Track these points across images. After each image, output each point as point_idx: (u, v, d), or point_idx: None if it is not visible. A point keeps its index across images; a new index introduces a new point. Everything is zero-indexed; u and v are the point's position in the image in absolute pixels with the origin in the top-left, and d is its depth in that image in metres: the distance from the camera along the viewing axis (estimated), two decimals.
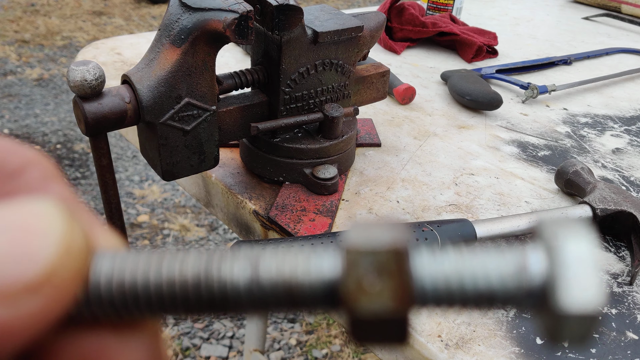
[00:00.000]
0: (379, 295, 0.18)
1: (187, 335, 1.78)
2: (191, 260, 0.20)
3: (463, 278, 0.19)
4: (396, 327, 0.19)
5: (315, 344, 1.81)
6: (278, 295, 0.19)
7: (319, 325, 1.88)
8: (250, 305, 0.20)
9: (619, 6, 1.66)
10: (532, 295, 0.19)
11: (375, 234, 0.19)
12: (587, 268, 0.18)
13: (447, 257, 0.20)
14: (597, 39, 1.43)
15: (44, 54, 3.79)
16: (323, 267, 0.20)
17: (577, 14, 1.67)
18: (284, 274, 0.19)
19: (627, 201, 0.62)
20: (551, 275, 0.18)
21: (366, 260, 0.18)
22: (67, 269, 0.17)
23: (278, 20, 0.57)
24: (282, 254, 0.20)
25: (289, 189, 0.66)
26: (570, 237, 0.18)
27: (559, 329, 0.18)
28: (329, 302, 0.20)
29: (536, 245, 0.19)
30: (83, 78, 0.50)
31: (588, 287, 0.18)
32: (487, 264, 0.19)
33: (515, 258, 0.19)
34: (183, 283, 0.19)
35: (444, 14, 1.26)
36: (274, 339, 1.80)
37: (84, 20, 4.40)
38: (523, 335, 0.50)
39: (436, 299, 0.19)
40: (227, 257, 0.20)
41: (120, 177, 2.55)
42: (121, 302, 0.19)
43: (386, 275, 0.18)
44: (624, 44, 1.40)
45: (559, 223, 0.19)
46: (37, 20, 4.31)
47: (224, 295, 0.19)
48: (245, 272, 0.19)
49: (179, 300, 0.20)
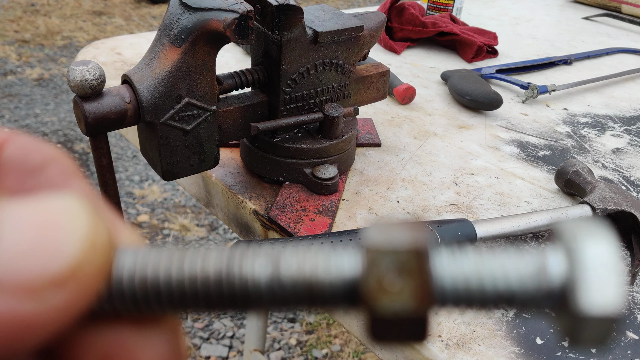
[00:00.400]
0: (399, 294, 0.18)
1: (187, 335, 1.78)
2: (213, 257, 0.20)
3: (483, 278, 0.19)
4: (416, 326, 0.19)
5: (315, 343, 1.81)
6: (298, 293, 0.20)
7: (319, 325, 1.88)
8: (270, 303, 0.20)
9: (619, 6, 1.66)
10: (551, 296, 0.19)
11: (395, 233, 0.19)
12: (607, 269, 0.18)
13: (467, 258, 0.20)
14: (597, 39, 1.43)
15: (44, 53, 3.79)
16: (344, 265, 0.20)
17: (577, 14, 1.67)
18: (305, 272, 0.20)
19: (627, 201, 0.62)
20: (571, 276, 0.18)
21: (387, 260, 0.19)
22: (91, 264, 0.17)
23: (278, 20, 0.57)
24: (302, 252, 0.20)
25: (289, 188, 0.66)
26: (591, 238, 0.18)
27: (579, 331, 0.18)
28: (349, 301, 0.20)
29: (555, 246, 0.19)
30: (83, 78, 0.50)
31: (608, 288, 0.18)
32: (507, 265, 0.19)
33: (535, 259, 0.19)
34: (205, 279, 0.20)
35: (444, 14, 1.26)
36: (274, 339, 1.81)
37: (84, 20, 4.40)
38: (523, 335, 0.50)
39: (456, 299, 0.19)
40: (248, 255, 0.20)
41: (121, 177, 2.55)
42: (143, 297, 0.19)
43: (407, 274, 0.18)
44: (624, 44, 1.40)
45: (578, 224, 0.19)
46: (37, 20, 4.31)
47: (245, 292, 0.20)
48: (267, 269, 0.20)
49: (201, 297, 0.20)
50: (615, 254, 0.18)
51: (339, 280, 0.20)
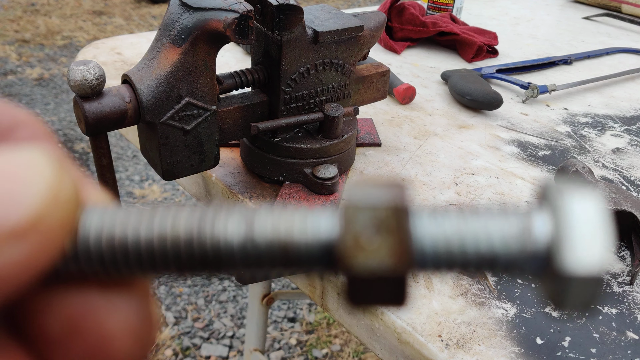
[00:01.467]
0: (376, 252, 0.18)
1: (187, 334, 1.78)
2: (184, 216, 0.19)
3: (464, 239, 0.19)
4: (394, 287, 0.18)
5: (315, 343, 1.81)
6: (273, 254, 0.19)
7: (319, 325, 1.88)
8: (243, 264, 0.19)
9: (619, 6, 1.66)
10: (536, 257, 0.18)
11: (375, 192, 0.18)
12: (593, 229, 0.17)
13: (449, 218, 0.19)
14: (597, 39, 1.43)
15: (44, 53, 3.79)
16: (320, 225, 0.19)
17: (577, 14, 1.67)
18: (280, 233, 0.19)
19: (628, 201, 0.62)
20: (556, 236, 0.18)
21: (364, 217, 0.18)
22: (54, 217, 0.17)
23: (278, 20, 0.57)
24: (277, 212, 0.20)
25: (289, 188, 0.66)
26: (576, 197, 0.18)
27: (564, 293, 0.18)
28: (325, 262, 0.19)
29: (540, 206, 0.19)
30: (83, 78, 0.50)
31: (594, 247, 0.17)
32: (490, 225, 0.19)
33: (519, 220, 0.19)
34: (175, 239, 0.19)
35: (444, 14, 1.26)
36: (274, 339, 1.81)
37: (84, 20, 4.40)
38: (523, 335, 0.50)
39: (436, 260, 0.19)
40: (221, 215, 0.19)
41: (121, 177, 2.55)
42: (110, 257, 0.19)
43: (385, 231, 0.18)
44: (624, 44, 1.40)
45: (564, 185, 0.19)
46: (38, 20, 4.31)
47: (217, 253, 0.19)
48: (240, 229, 0.19)
49: (171, 258, 0.19)
50: (601, 212, 0.18)
51: (316, 240, 0.19)
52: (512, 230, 0.18)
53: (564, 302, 0.18)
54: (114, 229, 0.19)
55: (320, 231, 0.19)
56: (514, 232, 0.18)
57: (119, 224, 0.19)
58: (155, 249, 0.19)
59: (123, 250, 0.19)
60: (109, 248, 0.19)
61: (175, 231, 0.19)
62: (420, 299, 0.53)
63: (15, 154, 0.17)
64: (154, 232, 0.19)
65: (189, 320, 1.82)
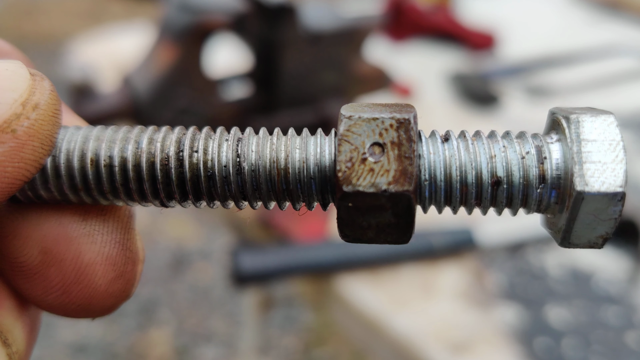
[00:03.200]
0: (378, 169, 0.16)
1: (186, 334, 1.78)
2: (170, 136, 0.19)
3: (478, 163, 0.18)
4: (397, 214, 0.17)
5: (315, 343, 1.81)
6: (268, 176, 0.18)
7: (319, 325, 1.88)
8: (236, 187, 0.19)
9: (620, 6, 1.66)
10: (552, 183, 0.17)
11: (378, 107, 0.18)
12: (607, 148, 0.17)
13: (460, 140, 0.18)
14: (598, 39, 1.43)
15: (44, 53, 3.79)
16: (317, 144, 0.18)
17: (578, 14, 1.67)
18: (273, 156, 0.18)
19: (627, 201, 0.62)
20: (570, 158, 0.17)
21: (366, 129, 0.17)
22: (28, 124, 0.17)
23: (278, 20, 0.57)
24: (276, 137, 0.19)
25: None
26: (589, 117, 0.17)
27: (580, 219, 0.17)
28: (322, 183, 0.18)
29: (554, 132, 0.18)
30: (81, 78, 0.50)
31: (610, 169, 0.16)
32: (504, 149, 0.18)
33: (533, 143, 0.18)
34: (163, 159, 0.18)
35: (445, 13, 1.26)
36: (273, 339, 1.80)
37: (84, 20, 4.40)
38: (523, 335, 0.50)
39: (446, 184, 0.18)
40: (210, 134, 0.19)
41: None
42: (81, 176, 0.18)
43: (388, 147, 0.17)
44: (625, 44, 1.40)
45: (576, 108, 0.18)
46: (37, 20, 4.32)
47: (207, 174, 0.18)
48: (233, 149, 0.19)
49: (149, 179, 0.18)
50: (617, 132, 0.17)
51: (311, 160, 0.18)
52: (526, 154, 0.18)
53: (578, 233, 0.17)
54: (86, 146, 0.18)
55: (317, 150, 0.18)
56: (527, 156, 0.18)
57: (93, 142, 0.18)
58: (131, 168, 0.18)
59: (96, 170, 0.18)
60: (81, 166, 0.18)
61: (163, 149, 0.18)
62: (420, 301, 0.53)
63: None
64: (129, 152, 0.18)
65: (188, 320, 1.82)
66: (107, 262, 0.19)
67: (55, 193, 0.18)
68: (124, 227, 0.20)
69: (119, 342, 1.69)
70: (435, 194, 0.18)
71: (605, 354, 0.49)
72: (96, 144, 0.18)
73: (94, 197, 0.19)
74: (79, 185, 0.18)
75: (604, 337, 0.51)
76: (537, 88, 0.99)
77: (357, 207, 0.16)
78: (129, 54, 1.04)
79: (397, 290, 0.58)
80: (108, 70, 0.95)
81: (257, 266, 0.60)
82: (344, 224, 0.17)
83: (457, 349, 0.48)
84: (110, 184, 0.18)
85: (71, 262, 0.18)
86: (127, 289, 0.20)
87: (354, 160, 0.16)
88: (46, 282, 0.18)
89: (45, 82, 0.18)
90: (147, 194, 0.19)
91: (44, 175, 0.18)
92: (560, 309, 0.55)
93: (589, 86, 1.12)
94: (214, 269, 1.95)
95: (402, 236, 0.17)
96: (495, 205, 0.18)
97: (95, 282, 0.19)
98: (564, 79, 1.13)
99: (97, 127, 0.19)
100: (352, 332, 0.55)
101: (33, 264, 0.18)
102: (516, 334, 0.51)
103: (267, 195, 0.19)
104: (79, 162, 0.18)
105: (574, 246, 0.17)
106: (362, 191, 0.16)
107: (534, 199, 0.18)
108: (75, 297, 0.19)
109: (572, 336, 0.51)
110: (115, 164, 0.18)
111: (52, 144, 0.18)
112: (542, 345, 0.50)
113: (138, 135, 0.18)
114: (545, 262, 0.62)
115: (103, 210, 0.19)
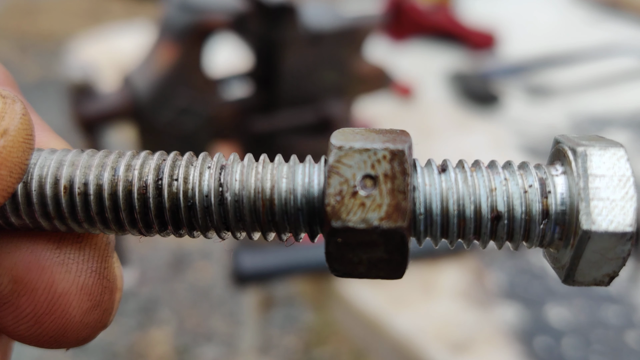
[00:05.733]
0: (370, 203, 0.15)
1: (186, 334, 1.78)
2: (148, 162, 0.18)
3: (477, 196, 0.16)
4: (390, 251, 0.16)
5: (315, 343, 1.81)
6: (254, 207, 0.18)
7: (319, 325, 1.88)
8: (219, 218, 0.18)
9: (620, 6, 1.66)
10: (552, 218, 0.16)
11: (371, 135, 0.17)
12: (617, 185, 0.16)
13: (459, 171, 0.17)
14: (598, 39, 1.43)
15: (44, 53, 3.79)
16: (306, 174, 0.17)
17: (578, 13, 1.67)
18: (264, 187, 0.17)
19: None
20: (575, 194, 0.16)
21: (357, 161, 0.16)
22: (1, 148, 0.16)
23: (278, 20, 0.57)
24: (262, 165, 0.18)
25: None
26: (597, 151, 0.16)
27: (585, 258, 0.15)
28: (310, 216, 0.17)
29: (559, 161, 0.17)
30: (81, 77, 0.50)
31: (619, 206, 0.15)
32: (505, 183, 0.17)
33: (536, 177, 0.17)
34: (140, 187, 0.17)
35: (445, 12, 1.26)
36: (273, 339, 1.80)
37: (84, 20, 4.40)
38: (523, 335, 0.50)
39: (442, 220, 0.17)
40: (193, 161, 0.18)
41: None
42: (54, 203, 0.17)
43: (380, 180, 0.16)
44: (625, 44, 1.40)
45: (583, 137, 0.17)
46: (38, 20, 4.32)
47: (187, 203, 0.18)
48: (216, 178, 0.18)
49: (126, 207, 0.17)
50: (626, 167, 0.16)
51: (300, 191, 0.17)
52: (529, 187, 0.17)
53: (583, 271, 0.16)
54: (60, 172, 0.17)
55: (305, 181, 0.17)
56: (529, 190, 0.17)
57: (67, 168, 0.17)
58: (107, 196, 0.17)
59: (69, 198, 0.17)
60: (54, 194, 0.17)
61: (140, 177, 0.17)
62: (420, 301, 0.53)
63: None
64: (105, 179, 0.17)
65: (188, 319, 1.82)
66: (82, 292, 0.18)
67: (26, 220, 0.18)
68: (101, 254, 0.19)
69: (119, 341, 1.69)
70: (431, 227, 0.17)
71: (605, 353, 0.49)
72: (70, 170, 0.17)
73: (68, 225, 0.18)
74: (52, 213, 0.17)
75: (604, 336, 0.51)
76: (537, 87, 0.99)
77: (347, 242, 0.16)
78: (129, 53, 1.04)
79: (398, 290, 0.58)
80: (108, 69, 0.95)
81: (257, 266, 0.60)
82: (333, 258, 0.16)
83: (457, 348, 0.48)
84: (85, 212, 0.17)
85: (44, 292, 0.18)
86: (104, 319, 0.19)
87: (343, 194, 0.15)
88: (17, 312, 0.18)
89: (17, 105, 0.17)
90: (124, 224, 0.18)
91: (15, 202, 0.17)
92: (561, 309, 0.56)
93: (589, 86, 1.12)
94: (214, 268, 1.95)
95: (395, 272, 0.16)
96: (495, 239, 0.17)
97: (69, 313, 0.18)
98: (564, 79, 1.13)
99: (73, 151, 0.18)
100: (352, 331, 0.55)
101: (3, 293, 0.17)
102: (516, 333, 0.51)
103: (251, 226, 0.18)
104: (51, 190, 0.17)
105: (579, 284, 0.17)
106: (352, 227, 0.15)
107: (536, 234, 0.17)
108: (48, 328, 0.18)
109: (572, 335, 0.51)
110: (90, 192, 0.17)
111: (22, 171, 0.17)
112: (542, 345, 0.50)
113: (115, 161, 0.18)
114: (545, 262, 0.62)
115: (79, 237, 0.19)
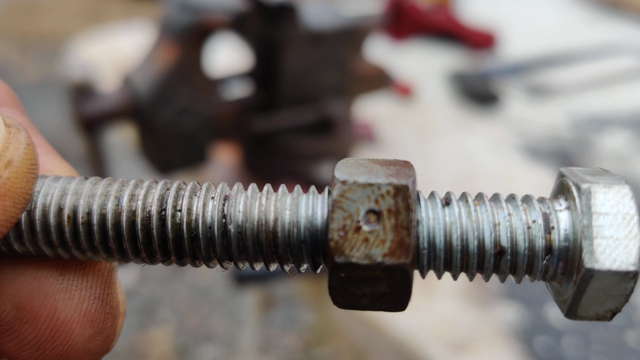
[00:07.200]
0: (373, 239, 0.16)
1: (187, 334, 1.78)
2: (152, 192, 0.18)
3: (481, 231, 0.16)
4: (393, 285, 0.16)
5: (315, 343, 1.81)
6: (256, 238, 0.18)
7: (319, 325, 1.88)
8: (222, 250, 0.18)
9: (620, 5, 1.66)
10: (560, 255, 0.16)
11: (374, 168, 0.17)
12: (620, 223, 0.16)
13: (462, 206, 0.17)
14: (598, 38, 1.43)
15: (44, 53, 3.79)
16: (309, 207, 0.17)
17: (578, 13, 1.67)
18: (263, 219, 0.17)
19: None
20: (578, 231, 0.16)
21: (360, 196, 0.16)
22: (0, 181, 0.16)
23: (278, 20, 0.57)
24: (265, 197, 0.18)
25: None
26: (601, 188, 0.16)
27: (589, 295, 0.16)
28: (313, 250, 0.17)
29: (562, 196, 0.17)
30: (81, 77, 0.50)
31: (622, 245, 0.15)
32: (508, 217, 0.17)
33: (539, 212, 0.17)
34: (144, 217, 0.17)
35: (445, 12, 1.26)
36: (273, 339, 1.80)
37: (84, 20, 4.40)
38: (523, 335, 0.50)
39: (446, 254, 0.17)
40: (197, 191, 0.18)
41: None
42: (58, 232, 0.17)
43: (384, 215, 0.16)
44: (625, 44, 1.40)
45: (588, 172, 0.17)
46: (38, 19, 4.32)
47: (190, 235, 0.18)
48: (220, 210, 0.18)
49: (129, 238, 0.18)
50: (630, 204, 0.16)
51: (302, 224, 0.17)
52: (532, 222, 0.17)
53: (586, 306, 0.16)
54: (63, 201, 0.17)
55: (308, 213, 0.17)
56: (533, 225, 0.17)
57: (70, 197, 0.17)
58: (111, 226, 0.17)
59: (73, 227, 0.17)
60: (57, 222, 0.17)
61: (144, 207, 0.17)
62: (420, 300, 0.53)
63: None
64: (109, 209, 0.17)
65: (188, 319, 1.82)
66: (84, 319, 0.18)
67: (30, 248, 0.18)
68: (105, 281, 0.19)
69: (120, 341, 1.69)
70: (435, 261, 0.17)
71: (605, 352, 0.49)
72: (74, 199, 0.17)
73: (72, 253, 0.18)
74: (55, 242, 0.17)
75: (604, 336, 0.51)
76: (537, 87, 0.99)
77: (350, 277, 0.16)
78: (129, 53, 1.04)
79: None
80: (108, 69, 0.95)
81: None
82: (336, 292, 0.16)
83: (457, 347, 0.48)
84: (88, 242, 0.18)
85: (46, 319, 0.18)
86: (106, 345, 0.19)
87: (347, 229, 0.15)
88: (20, 339, 0.18)
89: (21, 135, 0.17)
90: (127, 253, 0.18)
91: (18, 230, 0.17)
92: None
93: (589, 85, 1.12)
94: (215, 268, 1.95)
95: (398, 305, 0.16)
96: (497, 273, 0.17)
97: (71, 340, 0.18)
98: (564, 78, 1.13)
99: (76, 178, 0.18)
100: (352, 331, 0.55)
101: (5, 319, 0.17)
102: (516, 332, 0.51)
103: (254, 257, 0.18)
104: (55, 219, 0.17)
105: (581, 319, 0.17)
106: (355, 263, 0.15)
107: (539, 269, 0.17)
108: (50, 354, 0.18)
109: (572, 335, 0.51)
110: (93, 222, 0.17)
111: (26, 200, 0.17)
112: (542, 344, 0.50)
113: (118, 190, 0.18)
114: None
115: (82, 264, 0.19)
